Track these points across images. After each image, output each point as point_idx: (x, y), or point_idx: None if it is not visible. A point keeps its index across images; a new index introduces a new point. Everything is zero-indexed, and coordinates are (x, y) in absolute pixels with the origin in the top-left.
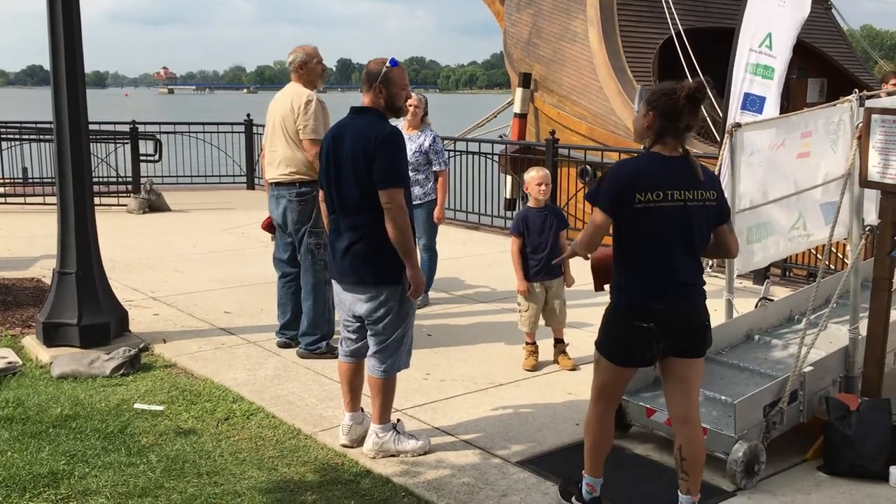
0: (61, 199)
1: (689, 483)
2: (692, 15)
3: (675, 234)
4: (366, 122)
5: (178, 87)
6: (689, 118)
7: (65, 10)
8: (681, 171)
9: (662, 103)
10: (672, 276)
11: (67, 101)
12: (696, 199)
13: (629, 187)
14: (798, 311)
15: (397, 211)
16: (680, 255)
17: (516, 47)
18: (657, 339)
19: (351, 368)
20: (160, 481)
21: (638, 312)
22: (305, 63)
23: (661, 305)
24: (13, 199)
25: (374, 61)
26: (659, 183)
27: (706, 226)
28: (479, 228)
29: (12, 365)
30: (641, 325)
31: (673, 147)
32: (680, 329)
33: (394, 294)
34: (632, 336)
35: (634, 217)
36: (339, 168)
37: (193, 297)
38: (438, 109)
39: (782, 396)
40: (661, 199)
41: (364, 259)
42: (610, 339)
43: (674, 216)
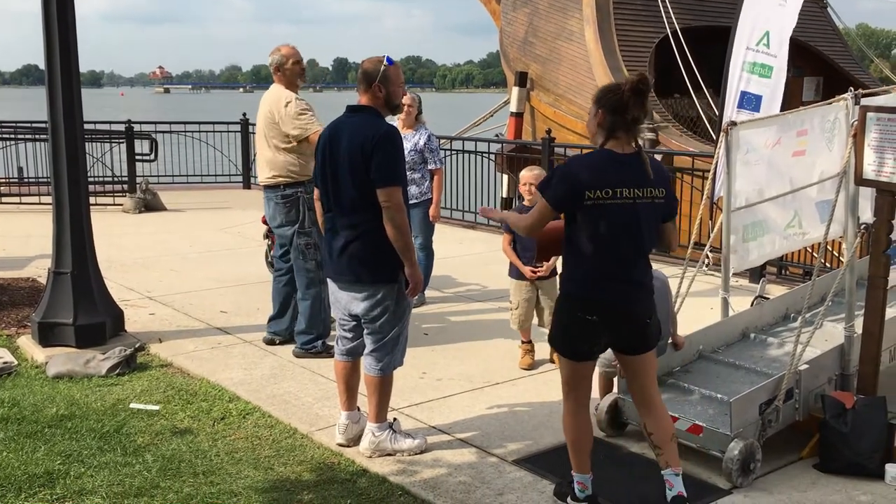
0: (56, 199)
1: (666, 456)
2: (688, 14)
3: (623, 230)
4: (363, 121)
5: (173, 87)
6: (636, 110)
7: (59, 9)
8: (631, 168)
9: (609, 99)
10: (618, 271)
11: (62, 101)
12: (645, 196)
13: (579, 184)
14: (794, 309)
15: (396, 210)
16: (627, 251)
17: (512, 46)
18: (601, 332)
19: (347, 367)
20: (156, 481)
21: (583, 305)
22: (282, 65)
23: (605, 298)
24: (8, 199)
25: (369, 60)
26: (609, 180)
27: (654, 222)
28: (475, 227)
29: (8, 365)
30: (585, 317)
31: (626, 142)
32: (622, 323)
33: (391, 293)
34: (577, 328)
35: (584, 213)
36: (335, 167)
37: (189, 297)
38: (435, 109)
39: (778, 394)
40: (611, 196)
41: (361, 258)
42: (559, 331)
43: (623, 213)
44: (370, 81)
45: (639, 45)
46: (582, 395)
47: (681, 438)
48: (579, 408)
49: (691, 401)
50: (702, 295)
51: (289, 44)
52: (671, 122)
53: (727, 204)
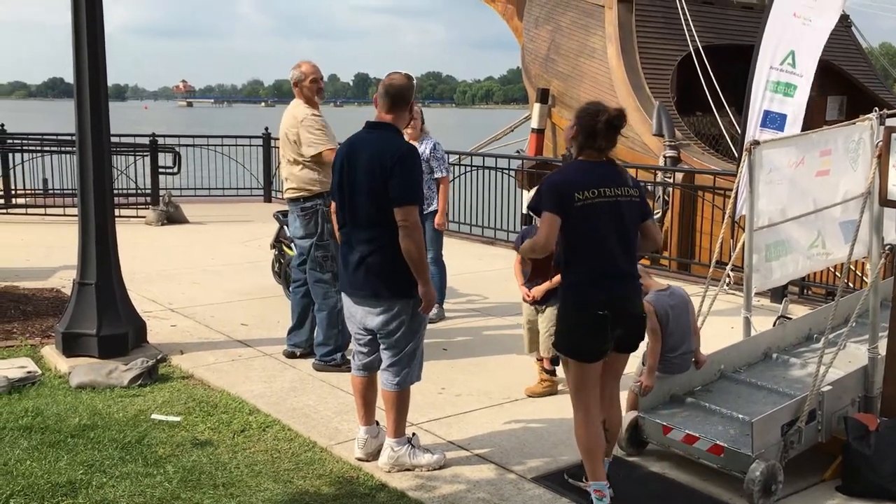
0: (82, 211)
1: (610, 447)
2: (711, 32)
3: (611, 227)
4: (382, 138)
5: (196, 101)
6: (603, 140)
7: (89, 24)
8: (608, 172)
9: (585, 122)
10: (613, 266)
11: (90, 115)
12: (625, 194)
13: (567, 188)
14: (817, 329)
15: (413, 228)
16: (617, 246)
17: (534, 63)
18: (612, 326)
19: (364, 382)
20: (177, 492)
21: (592, 303)
22: (300, 81)
23: (608, 294)
24: (34, 210)
25: (390, 77)
26: (592, 182)
27: (634, 220)
28: (494, 243)
29: (31, 374)
30: (597, 313)
31: (597, 157)
32: (627, 314)
33: (406, 307)
34: (590, 327)
35: (576, 215)
36: (353, 182)
37: (211, 309)
38: (454, 125)
39: (800, 415)
40: (597, 195)
41: (378, 273)
42: (571, 337)
43: (609, 210)
44: (395, 100)
45: (661, 63)
46: (593, 401)
47: (701, 459)
48: (591, 416)
49: (712, 421)
50: (723, 314)
51: (310, 61)
52: (693, 139)
53: (750, 223)
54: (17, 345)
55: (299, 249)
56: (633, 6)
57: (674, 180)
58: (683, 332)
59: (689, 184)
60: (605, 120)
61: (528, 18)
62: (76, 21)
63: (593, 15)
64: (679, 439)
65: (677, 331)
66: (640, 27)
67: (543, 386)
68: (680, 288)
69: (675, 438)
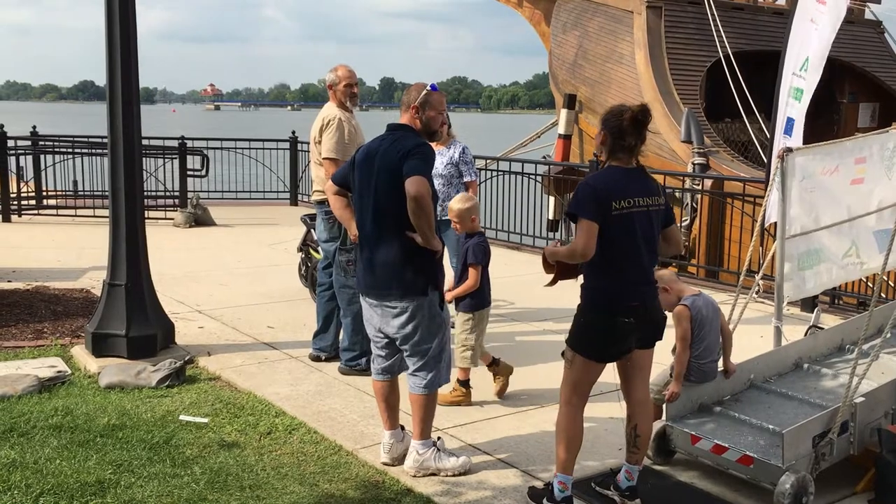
0: (113, 213)
1: (639, 455)
2: (742, 38)
3: (643, 235)
4: (399, 136)
5: (224, 104)
6: (632, 137)
7: (122, 30)
8: (640, 180)
9: (610, 123)
10: (644, 274)
11: (122, 119)
12: (654, 204)
13: (606, 197)
14: (849, 340)
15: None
16: (646, 254)
17: (562, 68)
18: (634, 332)
19: (385, 386)
20: (204, 493)
21: (620, 309)
22: (334, 84)
23: (638, 301)
24: (64, 212)
25: (415, 85)
26: (628, 190)
27: (658, 227)
28: (521, 249)
29: (61, 374)
30: (623, 320)
31: (626, 161)
32: (650, 321)
33: (421, 307)
34: (613, 332)
35: (613, 222)
36: (369, 180)
37: (237, 311)
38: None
39: (832, 427)
40: (632, 205)
41: (391, 271)
42: (589, 337)
43: (642, 219)
44: (410, 103)
45: (690, 69)
46: (582, 396)
47: (731, 469)
48: (579, 410)
49: (741, 431)
50: (752, 322)
51: (347, 65)
52: (722, 146)
53: (781, 231)
54: (48, 344)
55: (324, 253)
56: (662, 12)
57: (702, 187)
58: (713, 340)
59: (718, 191)
60: (630, 117)
61: (556, 24)
62: (109, 26)
63: (622, 20)
64: (708, 449)
65: (708, 338)
66: (669, 33)
67: (453, 395)
68: (708, 295)
69: (703, 448)
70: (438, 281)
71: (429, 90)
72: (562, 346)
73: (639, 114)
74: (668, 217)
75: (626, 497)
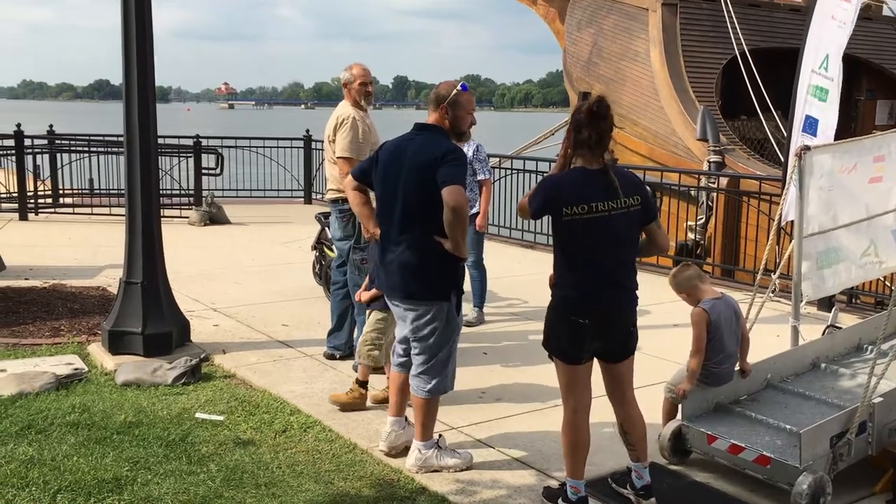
0: (129, 212)
1: (638, 452)
2: (758, 35)
3: (602, 240)
4: (428, 139)
5: (237, 103)
6: (588, 130)
7: (138, 29)
8: (601, 183)
9: (573, 118)
10: (603, 278)
11: (139, 117)
12: (619, 206)
13: (556, 201)
14: (867, 339)
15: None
16: (609, 258)
17: (576, 66)
18: (590, 336)
19: (401, 378)
20: (220, 491)
21: (574, 309)
22: (349, 83)
23: (594, 304)
24: (80, 210)
25: (445, 83)
26: (583, 196)
27: (633, 229)
28: (534, 247)
29: (78, 371)
30: (577, 320)
31: (590, 159)
32: (609, 329)
33: (440, 312)
34: (568, 331)
35: (564, 227)
36: (395, 182)
37: (252, 309)
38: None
39: (850, 427)
40: (587, 211)
41: (413, 274)
42: (551, 334)
43: (600, 224)
44: (440, 103)
45: (706, 67)
46: (579, 399)
47: (747, 469)
48: (576, 413)
49: (758, 431)
50: (768, 322)
51: (362, 64)
52: (738, 144)
53: (799, 230)
54: (65, 342)
55: (338, 251)
56: (677, 9)
57: (718, 185)
58: (732, 345)
59: (734, 189)
60: (586, 109)
61: (571, 21)
62: (126, 25)
63: (637, 18)
64: (724, 449)
65: (727, 343)
66: (684, 30)
67: (349, 396)
68: (731, 297)
69: (719, 448)
70: (460, 285)
71: (459, 90)
72: None
73: (594, 105)
74: (646, 216)
75: (641, 496)
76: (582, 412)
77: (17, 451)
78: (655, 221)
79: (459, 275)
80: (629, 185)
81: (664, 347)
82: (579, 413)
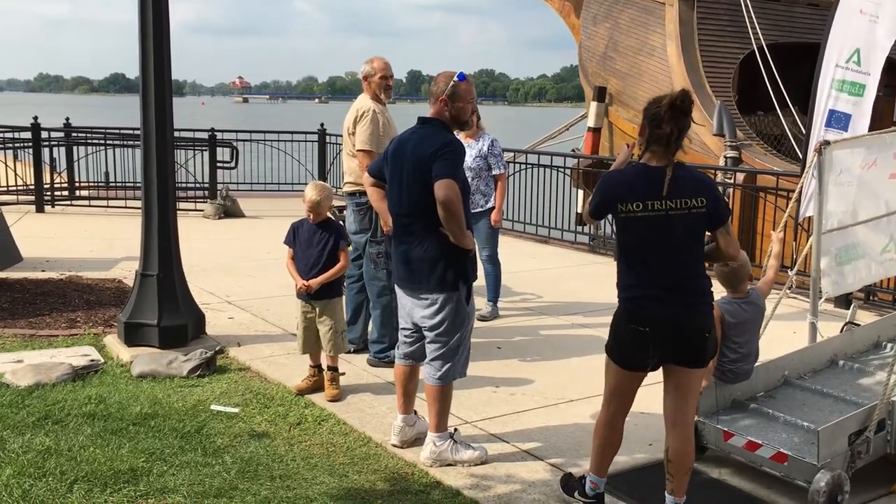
0: (146, 204)
1: (674, 484)
2: (776, 29)
3: (660, 241)
4: (429, 132)
5: (252, 97)
6: (669, 125)
7: (155, 23)
8: (662, 180)
9: (649, 111)
10: (663, 282)
11: (155, 111)
12: (679, 207)
13: (611, 197)
14: (886, 336)
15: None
16: (668, 261)
17: (592, 61)
18: (654, 344)
19: (406, 371)
20: (235, 482)
21: (634, 316)
22: (369, 76)
23: (654, 311)
24: (96, 202)
25: (442, 75)
26: (641, 193)
27: (695, 232)
28: (549, 242)
29: (95, 363)
30: (638, 328)
31: (661, 157)
32: (675, 336)
33: (450, 301)
34: (630, 339)
35: (621, 224)
36: (401, 175)
37: (267, 302)
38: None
39: (869, 425)
40: (642, 209)
41: (423, 265)
42: (613, 341)
43: (656, 224)
44: (438, 95)
45: (723, 61)
46: (622, 404)
47: (764, 466)
48: (617, 418)
49: (775, 428)
50: (784, 318)
51: (383, 57)
52: (755, 139)
53: (818, 226)
54: (81, 333)
55: (354, 245)
56: (694, 3)
57: (734, 181)
58: (748, 343)
59: (751, 185)
60: (668, 102)
61: (586, 16)
62: (143, 20)
63: (653, 12)
64: (741, 446)
65: (742, 341)
66: (701, 25)
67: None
68: (757, 294)
69: (736, 445)
70: (469, 276)
71: (456, 81)
72: (590, 339)
73: (678, 99)
74: (713, 220)
75: None
76: (621, 414)
77: (35, 441)
78: (725, 227)
79: (467, 265)
80: (695, 184)
81: None
82: (618, 415)
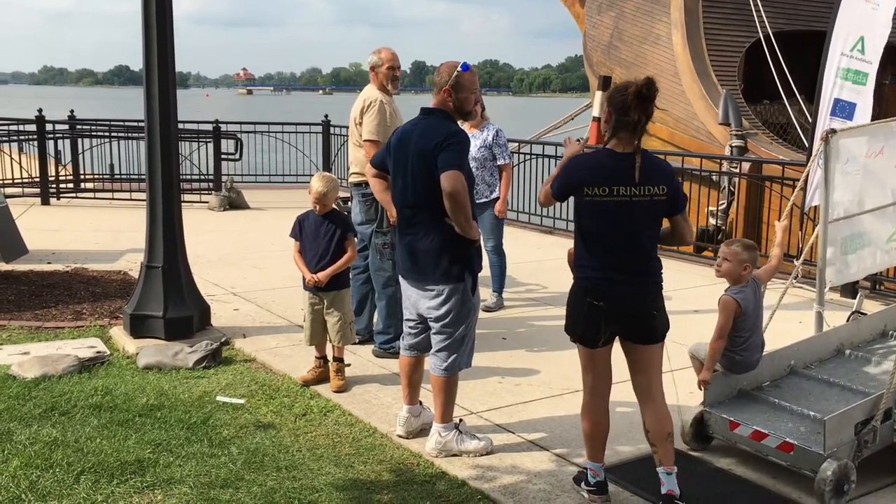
0: (150, 196)
1: (660, 454)
2: (781, 17)
3: (621, 225)
4: (433, 123)
5: (256, 88)
6: (636, 112)
7: (158, 15)
8: (627, 167)
9: (615, 99)
10: (620, 262)
11: (159, 103)
12: (642, 194)
13: (577, 181)
14: (892, 326)
15: (456, 194)
16: (627, 244)
17: (596, 50)
18: (606, 319)
19: (411, 362)
20: (241, 473)
21: (590, 291)
22: (377, 66)
23: (610, 289)
24: (101, 195)
25: (445, 65)
26: (607, 178)
27: (654, 217)
28: (553, 232)
29: (101, 354)
30: (593, 302)
31: (627, 143)
32: (627, 314)
33: (455, 292)
34: (584, 313)
35: (584, 207)
36: (405, 165)
37: (271, 294)
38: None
39: (875, 414)
40: (608, 194)
41: (428, 256)
42: (570, 317)
43: (619, 209)
44: (442, 85)
45: (728, 50)
46: (595, 383)
47: (770, 456)
48: (594, 397)
49: (781, 417)
50: (791, 308)
51: (390, 48)
52: (761, 128)
53: (824, 215)
54: (87, 325)
55: (360, 236)
56: None
57: (740, 170)
58: (756, 334)
59: (756, 174)
60: (634, 90)
61: (591, 5)
62: (146, 12)
63: (658, 1)
64: (746, 435)
65: (750, 330)
66: (707, 13)
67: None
68: (755, 281)
69: (742, 434)
70: (474, 267)
71: (459, 70)
72: None
73: (644, 87)
74: (673, 207)
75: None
76: (598, 396)
77: (41, 432)
78: (681, 214)
79: (472, 256)
80: (657, 173)
81: (684, 334)
82: (595, 397)
